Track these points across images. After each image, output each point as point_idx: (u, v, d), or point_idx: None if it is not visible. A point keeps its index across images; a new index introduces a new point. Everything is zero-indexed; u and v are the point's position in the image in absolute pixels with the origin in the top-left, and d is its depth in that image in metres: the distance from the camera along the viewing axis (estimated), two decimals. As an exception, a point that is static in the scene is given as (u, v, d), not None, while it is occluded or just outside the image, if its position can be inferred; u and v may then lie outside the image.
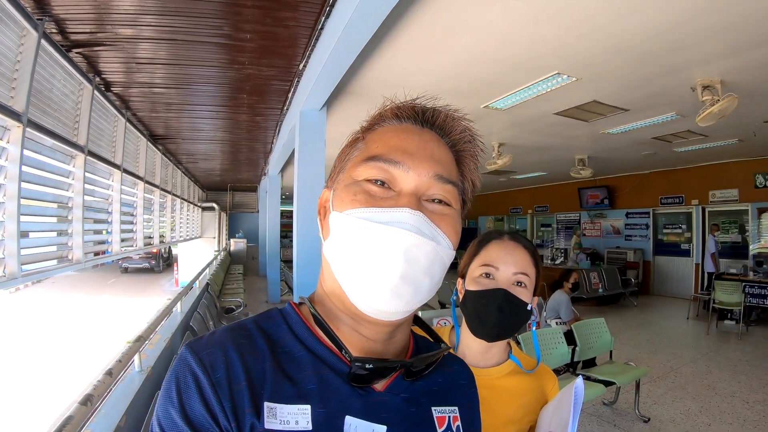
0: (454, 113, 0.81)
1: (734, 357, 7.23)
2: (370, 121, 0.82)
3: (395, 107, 0.80)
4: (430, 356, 0.79)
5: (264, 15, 4.11)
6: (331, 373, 0.70)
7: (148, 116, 7.51)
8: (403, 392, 0.76)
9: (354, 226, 0.68)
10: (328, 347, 0.73)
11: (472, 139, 0.82)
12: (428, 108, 0.80)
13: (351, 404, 0.69)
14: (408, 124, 0.79)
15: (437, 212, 0.72)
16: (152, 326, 3.92)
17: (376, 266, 0.66)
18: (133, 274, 27.89)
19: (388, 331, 0.75)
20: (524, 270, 1.33)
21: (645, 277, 13.89)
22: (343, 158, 0.81)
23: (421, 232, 0.67)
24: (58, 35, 4.35)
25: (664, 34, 4.43)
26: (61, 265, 4.99)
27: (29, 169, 4.04)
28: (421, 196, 0.72)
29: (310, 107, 5.60)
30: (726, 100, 5.33)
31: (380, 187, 0.71)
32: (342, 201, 0.72)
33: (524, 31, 4.41)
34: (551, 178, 15.90)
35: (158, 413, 0.63)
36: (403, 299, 0.67)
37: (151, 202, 9.39)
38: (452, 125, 0.80)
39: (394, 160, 0.72)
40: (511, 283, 1.33)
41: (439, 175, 0.73)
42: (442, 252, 0.70)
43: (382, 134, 0.78)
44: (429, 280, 0.69)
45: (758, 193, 11.20)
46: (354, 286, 0.69)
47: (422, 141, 0.76)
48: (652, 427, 4.72)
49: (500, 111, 6.99)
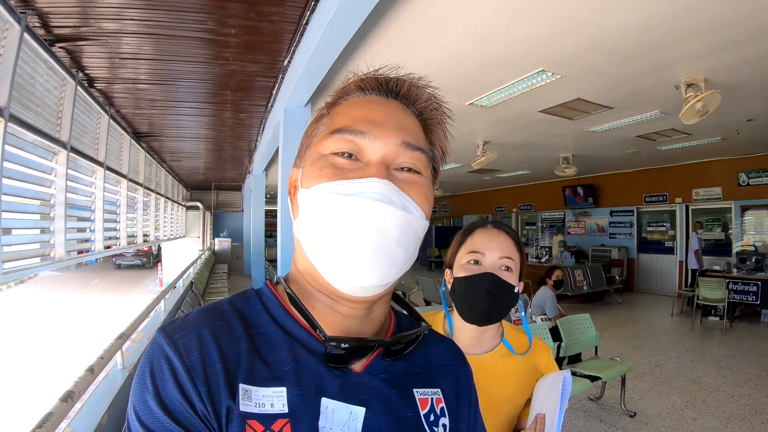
0: (418, 81, 0.79)
1: (719, 352, 7.30)
2: (334, 96, 0.81)
3: (359, 79, 0.79)
4: (409, 335, 0.77)
5: (248, 10, 4.08)
6: (306, 353, 0.69)
7: (131, 113, 7.44)
8: (382, 373, 0.74)
9: (322, 201, 0.67)
10: (303, 327, 0.71)
11: (438, 106, 0.80)
12: (391, 78, 0.78)
13: (327, 386, 0.67)
14: (373, 95, 0.77)
15: (407, 180, 0.71)
16: (135, 324, 3.88)
17: (348, 240, 0.64)
18: (123, 271, 29.39)
19: (365, 307, 0.73)
20: (509, 254, 1.38)
21: (629, 275, 14.02)
22: (309, 135, 0.80)
23: (392, 201, 0.66)
24: (41, 29, 4.30)
25: (647, 32, 4.46)
26: (43, 263, 4.94)
27: (10, 165, 3.99)
28: (390, 165, 0.70)
29: (294, 104, 5.58)
30: (708, 93, 5.37)
31: (347, 159, 0.70)
32: (309, 177, 0.71)
33: (508, 27, 4.42)
34: (536, 176, 15.96)
35: (133, 401, 0.61)
36: (378, 272, 0.65)
37: (134, 200, 9.32)
38: (417, 93, 0.78)
39: (359, 131, 0.70)
40: (497, 268, 1.37)
41: (406, 143, 0.71)
42: (415, 222, 0.69)
43: (347, 107, 0.76)
44: (403, 251, 0.67)
45: (741, 191, 11.34)
46: (326, 263, 0.67)
47: (388, 111, 0.74)
48: (638, 422, 4.75)
49: (484, 108, 7.01)
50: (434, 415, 0.77)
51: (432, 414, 0.77)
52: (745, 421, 4.73)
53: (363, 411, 0.68)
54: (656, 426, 4.66)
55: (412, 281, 10.60)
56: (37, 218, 4.84)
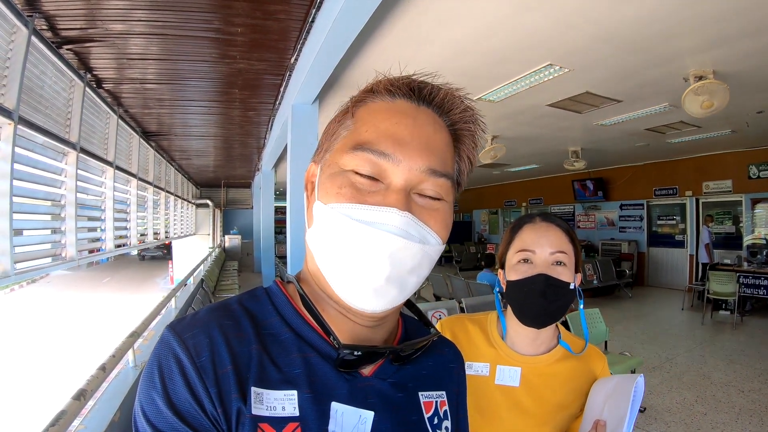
0: (456, 91, 0.75)
1: (729, 347, 7.26)
2: (360, 94, 0.75)
3: (388, 81, 0.73)
4: (420, 342, 0.77)
5: (254, 8, 4.08)
6: (317, 356, 0.69)
7: (140, 113, 7.47)
8: (390, 377, 0.74)
9: (338, 222, 0.66)
10: (315, 330, 0.71)
11: (473, 120, 0.76)
12: (427, 84, 0.73)
13: (337, 389, 0.67)
14: (402, 101, 0.72)
15: (427, 207, 0.69)
16: (146, 322, 3.91)
17: (360, 267, 0.64)
18: (135, 268, 29.60)
19: (375, 320, 0.72)
20: (561, 248, 1.32)
21: (639, 269, 13.95)
22: (330, 135, 0.75)
23: (409, 234, 0.65)
24: (48, 32, 4.32)
25: (654, 24, 4.43)
26: (55, 263, 4.98)
27: (21, 166, 4.02)
28: (412, 190, 0.68)
29: (301, 101, 5.58)
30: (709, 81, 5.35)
31: (368, 179, 0.67)
32: (327, 192, 0.69)
33: (515, 21, 4.40)
34: (545, 170, 15.89)
35: (141, 399, 0.60)
36: (387, 298, 0.65)
37: (144, 199, 9.36)
38: (452, 104, 0.74)
39: (383, 152, 0.66)
40: (550, 264, 1.31)
41: (432, 170, 0.68)
42: (430, 250, 0.68)
43: (372, 113, 0.71)
44: (415, 278, 0.67)
45: (752, 183, 11.22)
46: (338, 282, 0.67)
47: (416, 125, 0.69)
48: (648, 417, 4.74)
49: (493, 103, 6.98)
50: (438, 418, 0.78)
51: (436, 417, 0.78)
52: (755, 417, 4.71)
53: (372, 415, 0.68)
54: (666, 421, 4.65)
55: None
56: (48, 219, 4.88)
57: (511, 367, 1.36)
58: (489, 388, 1.34)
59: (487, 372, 1.36)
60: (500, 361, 1.37)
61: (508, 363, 1.37)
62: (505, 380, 1.35)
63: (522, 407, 1.33)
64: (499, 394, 1.34)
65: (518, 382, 1.34)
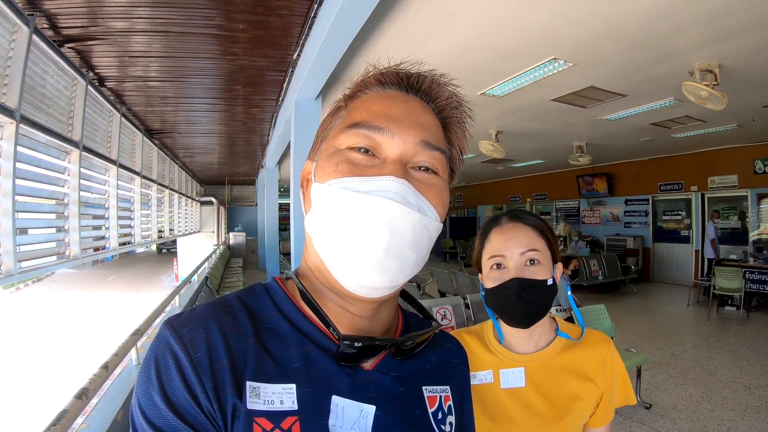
0: (440, 78, 0.77)
1: (735, 343, 7.23)
2: (352, 88, 0.78)
3: (379, 73, 0.76)
4: (421, 334, 0.76)
5: (256, 4, 4.07)
6: (316, 350, 0.68)
7: (143, 110, 7.47)
8: (393, 371, 0.73)
9: (336, 197, 0.66)
10: (314, 324, 0.71)
11: (458, 104, 0.78)
12: (413, 73, 0.76)
13: (338, 383, 0.67)
14: (392, 90, 0.75)
15: (424, 181, 0.70)
16: (150, 320, 3.90)
17: (359, 238, 0.63)
18: (141, 266, 29.88)
19: (373, 307, 0.72)
20: (531, 246, 1.28)
21: (645, 264, 13.88)
22: (325, 127, 0.78)
23: (407, 201, 0.65)
24: (49, 30, 4.32)
25: (659, 18, 4.40)
26: (59, 262, 4.99)
27: (24, 165, 4.03)
28: (407, 163, 0.69)
29: (305, 97, 5.57)
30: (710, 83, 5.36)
31: (364, 154, 0.68)
32: (324, 171, 0.69)
33: (519, 16, 4.38)
34: (550, 165, 15.87)
35: (138, 395, 0.60)
36: (388, 273, 0.64)
37: (148, 197, 9.37)
38: (438, 91, 0.77)
39: (378, 126, 0.69)
40: (522, 266, 1.28)
41: (425, 141, 0.70)
42: (429, 224, 0.68)
43: (365, 101, 0.74)
44: (415, 254, 0.67)
45: (758, 179, 11.15)
46: (336, 261, 0.66)
47: (407, 107, 0.72)
48: (654, 414, 4.72)
49: (497, 98, 6.96)
50: (442, 413, 0.78)
51: (440, 412, 0.77)
52: (761, 413, 4.68)
53: (373, 409, 0.67)
54: (672, 418, 4.63)
55: (427, 272, 10.61)
56: (52, 217, 4.89)
57: (514, 369, 1.35)
58: (496, 394, 1.33)
59: (491, 379, 1.34)
60: (502, 365, 1.35)
61: (510, 365, 1.35)
62: (510, 383, 1.33)
63: (533, 406, 1.30)
64: (508, 399, 1.32)
65: (524, 382, 1.33)
